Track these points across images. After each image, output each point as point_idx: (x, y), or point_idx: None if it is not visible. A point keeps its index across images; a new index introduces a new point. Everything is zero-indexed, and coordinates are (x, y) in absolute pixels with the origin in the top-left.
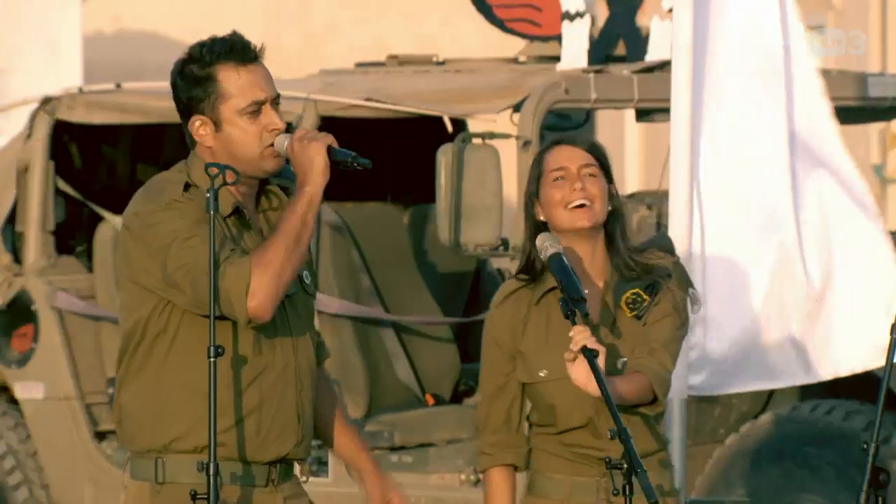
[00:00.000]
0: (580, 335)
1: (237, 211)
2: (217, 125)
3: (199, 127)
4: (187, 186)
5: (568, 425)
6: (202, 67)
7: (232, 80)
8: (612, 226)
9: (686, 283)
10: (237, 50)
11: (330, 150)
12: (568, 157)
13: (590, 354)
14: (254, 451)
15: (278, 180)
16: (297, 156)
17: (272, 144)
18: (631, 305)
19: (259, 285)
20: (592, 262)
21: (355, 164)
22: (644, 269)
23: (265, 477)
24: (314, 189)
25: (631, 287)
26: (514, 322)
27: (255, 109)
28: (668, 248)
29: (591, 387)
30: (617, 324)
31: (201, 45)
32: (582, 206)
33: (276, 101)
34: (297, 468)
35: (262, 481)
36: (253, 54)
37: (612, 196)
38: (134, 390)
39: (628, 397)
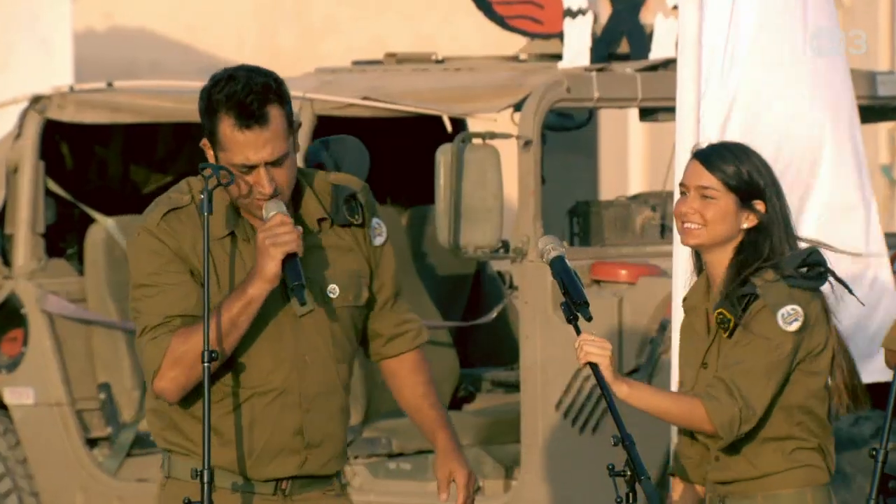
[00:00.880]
0: (584, 346)
1: (232, 234)
2: (216, 158)
3: (207, 148)
4: (170, 211)
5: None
6: (212, 104)
7: (227, 135)
8: (744, 242)
9: (775, 304)
10: (241, 112)
11: (286, 261)
12: (691, 174)
13: (594, 367)
14: (249, 469)
15: (334, 177)
16: (259, 249)
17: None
18: (721, 325)
19: (167, 372)
20: (714, 279)
21: (294, 293)
22: (735, 286)
23: (272, 487)
24: (256, 293)
25: (720, 306)
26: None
27: (245, 171)
28: (815, 263)
29: (619, 391)
30: (717, 342)
31: (222, 79)
32: (688, 226)
33: (275, 162)
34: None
35: (269, 491)
36: (254, 116)
37: (754, 212)
38: (149, 395)
39: (672, 418)
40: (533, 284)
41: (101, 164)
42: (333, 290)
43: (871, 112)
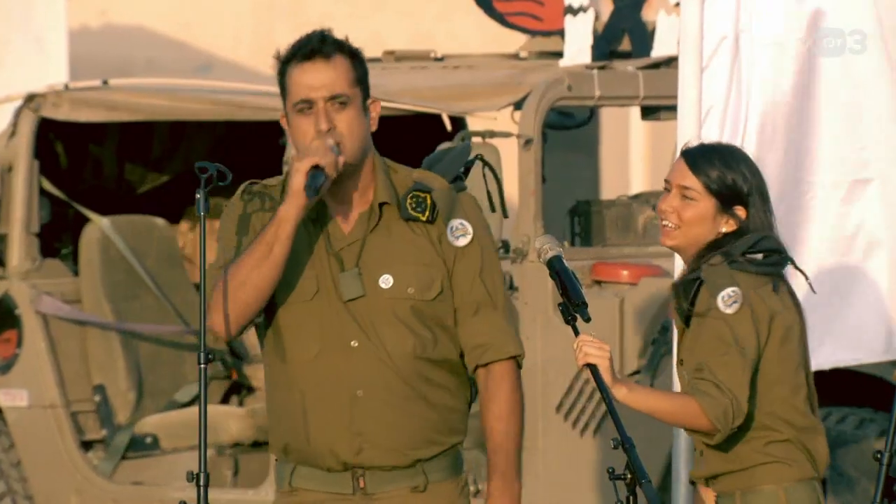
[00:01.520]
0: (583, 347)
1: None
2: (288, 120)
3: (283, 121)
4: (250, 185)
5: None
6: (284, 62)
7: (292, 76)
8: (717, 240)
9: (715, 287)
10: (304, 46)
11: (310, 172)
12: (675, 172)
13: (593, 368)
14: (314, 458)
15: (419, 174)
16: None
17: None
18: (677, 311)
19: (215, 303)
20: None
21: (310, 192)
22: (688, 273)
23: (350, 486)
24: (286, 212)
25: (674, 295)
26: None
27: (306, 107)
28: (769, 249)
29: (617, 393)
30: (685, 336)
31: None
32: (665, 224)
33: (335, 98)
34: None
35: (348, 490)
36: (316, 50)
37: (734, 217)
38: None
39: (670, 418)
40: (533, 285)
41: (96, 163)
42: (387, 280)
43: None
